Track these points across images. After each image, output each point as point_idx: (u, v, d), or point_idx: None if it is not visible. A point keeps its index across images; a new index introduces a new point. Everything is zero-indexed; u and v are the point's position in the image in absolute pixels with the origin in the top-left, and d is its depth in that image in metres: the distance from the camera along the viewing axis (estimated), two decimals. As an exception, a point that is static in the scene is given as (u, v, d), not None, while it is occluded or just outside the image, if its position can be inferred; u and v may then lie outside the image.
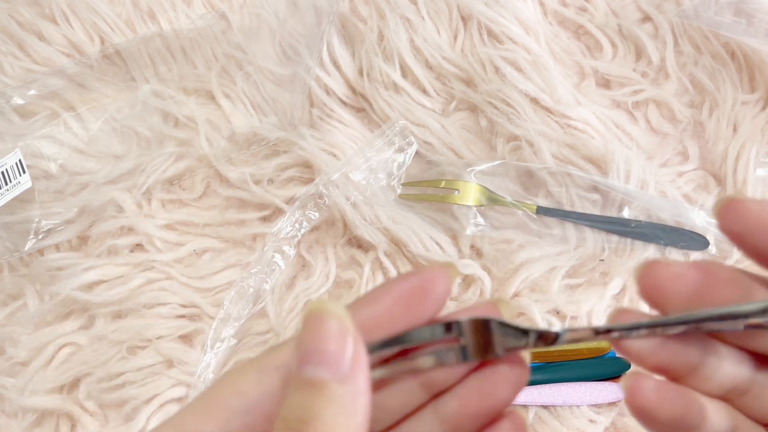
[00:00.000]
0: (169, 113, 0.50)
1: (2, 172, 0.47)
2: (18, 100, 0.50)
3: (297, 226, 0.47)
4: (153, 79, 0.51)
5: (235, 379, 0.20)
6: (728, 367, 0.22)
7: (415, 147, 0.49)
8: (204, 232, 0.48)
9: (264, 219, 0.48)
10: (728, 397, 0.22)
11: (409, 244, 0.44)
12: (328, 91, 0.51)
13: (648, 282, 0.21)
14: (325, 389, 0.18)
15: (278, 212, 0.48)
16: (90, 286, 0.46)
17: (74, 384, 0.45)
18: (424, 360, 0.21)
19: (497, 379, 0.21)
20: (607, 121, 0.48)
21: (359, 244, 0.47)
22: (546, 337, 0.21)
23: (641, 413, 0.21)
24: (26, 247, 0.47)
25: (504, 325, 0.21)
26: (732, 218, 0.20)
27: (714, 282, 0.21)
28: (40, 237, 0.47)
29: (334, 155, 0.48)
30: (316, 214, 0.47)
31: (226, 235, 0.48)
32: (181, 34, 0.52)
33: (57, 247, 0.48)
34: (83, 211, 0.48)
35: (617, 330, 0.21)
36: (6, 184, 0.47)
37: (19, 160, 0.47)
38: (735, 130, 0.47)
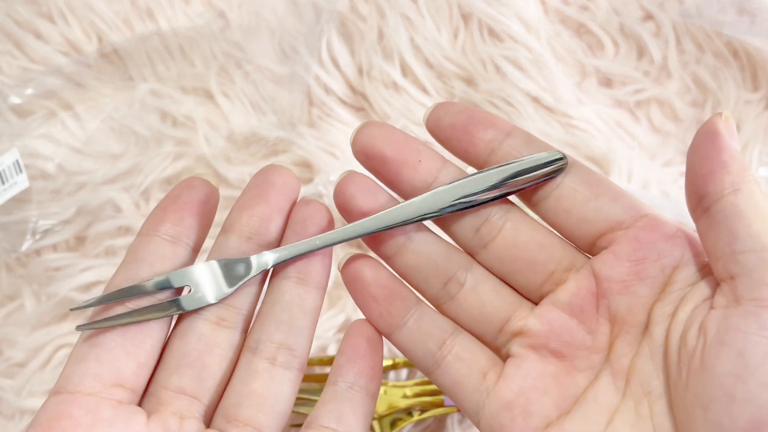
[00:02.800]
0: (168, 112, 0.50)
1: (-1, 172, 0.47)
2: (15, 100, 0.50)
3: (296, 226, 0.47)
4: (151, 78, 0.51)
5: None
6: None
7: None
8: (202, 233, 0.48)
9: (263, 219, 0.48)
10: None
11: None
12: (327, 90, 0.51)
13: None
14: None
15: (277, 212, 0.48)
16: (87, 287, 0.46)
17: (72, 385, 0.45)
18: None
19: None
20: (608, 120, 0.48)
21: (359, 244, 0.46)
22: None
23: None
24: (23, 248, 0.47)
25: (225, 264, 0.24)
26: (363, 140, 0.25)
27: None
28: (37, 237, 0.47)
29: (334, 155, 0.48)
30: (316, 214, 0.47)
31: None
32: (179, 33, 0.51)
33: (54, 248, 0.47)
34: (81, 211, 0.47)
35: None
36: (3, 184, 0.47)
37: (17, 160, 0.47)
38: (738, 129, 0.47)
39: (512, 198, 0.26)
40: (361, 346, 0.25)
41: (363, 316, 0.26)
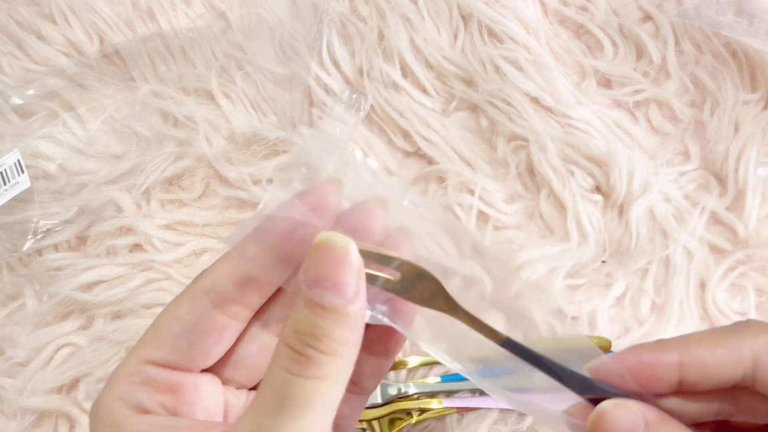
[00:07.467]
0: (169, 113, 0.50)
1: (1, 172, 0.47)
2: (17, 100, 0.50)
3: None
4: (152, 78, 0.51)
5: (172, 309, 0.25)
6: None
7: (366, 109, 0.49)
8: (203, 232, 0.48)
9: (263, 219, 0.48)
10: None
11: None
12: (327, 91, 0.51)
13: None
14: (334, 312, 0.21)
15: (278, 212, 0.48)
16: (89, 287, 0.46)
17: (73, 384, 0.45)
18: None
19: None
20: (608, 120, 0.48)
21: (359, 245, 0.47)
22: None
23: None
24: (25, 248, 0.47)
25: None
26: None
27: None
28: (38, 237, 0.47)
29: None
30: (316, 214, 0.47)
31: (225, 235, 0.47)
32: (180, 34, 0.51)
33: (56, 248, 0.48)
34: (82, 211, 0.47)
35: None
36: (5, 184, 0.47)
37: (18, 160, 0.47)
38: (736, 129, 0.47)
39: None
40: None
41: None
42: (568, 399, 0.24)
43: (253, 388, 0.27)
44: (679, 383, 0.23)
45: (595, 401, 0.23)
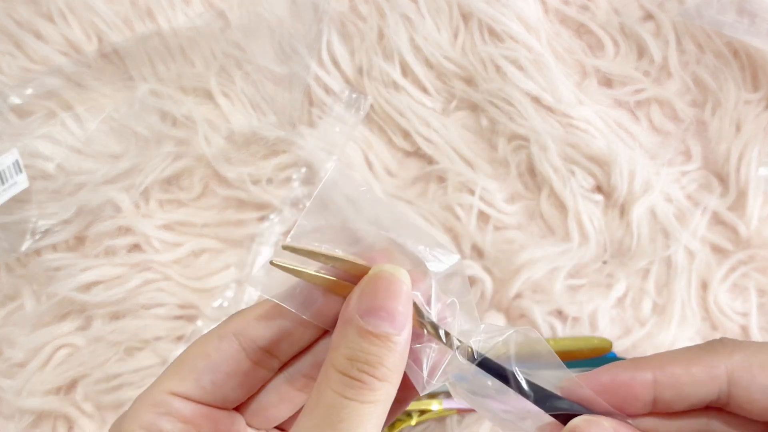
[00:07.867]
0: (168, 113, 0.50)
1: (-1, 172, 0.47)
2: (15, 100, 0.50)
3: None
4: (151, 78, 0.51)
5: (200, 344, 0.25)
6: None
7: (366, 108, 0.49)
8: (202, 233, 0.48)
9: (262, 219, 0.48)
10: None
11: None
12: (327, 90, 0.51)
13: None
14: (387, 341, 0.22)
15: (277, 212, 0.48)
16: (87, 287, 0.45)
17: (71, 385, 0.45)
18: None
19: None
20: (609, 120, 0.48)
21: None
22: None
23: None
24: (23, 248, 0.47)
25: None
26: None
27: None
28: (37, 237, 0.47)
29: (334, 154, 0.48)
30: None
31: (224, 235, 0.47)
32: (179, 33, 0.51)
33: (54, 248, 0.47)
34: (80, 211, 0.47)
35: None
36: (3, 184, 0.47)
37: (16, 160, 0.47)
38: (738, 129, 0.47)
39: None
40: None
41: None
42: (541, 417, 0.23)
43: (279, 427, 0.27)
44: (653, 403, 0.23)
45: (568, 420, 0.23)
